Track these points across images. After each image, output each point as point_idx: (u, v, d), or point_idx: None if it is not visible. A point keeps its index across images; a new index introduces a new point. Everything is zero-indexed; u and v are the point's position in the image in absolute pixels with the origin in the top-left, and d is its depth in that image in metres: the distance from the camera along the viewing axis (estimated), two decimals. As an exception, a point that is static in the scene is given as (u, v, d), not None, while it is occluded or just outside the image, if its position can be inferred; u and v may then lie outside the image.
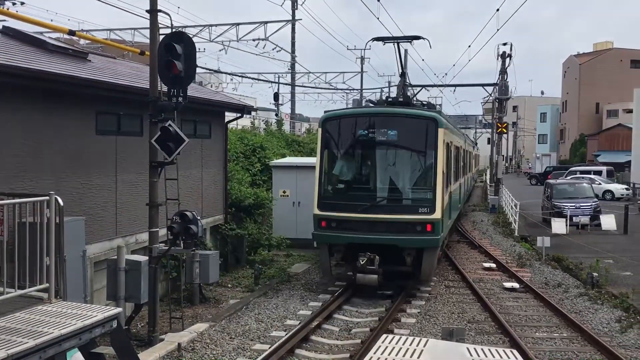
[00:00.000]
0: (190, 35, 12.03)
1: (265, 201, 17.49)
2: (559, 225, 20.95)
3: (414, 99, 20.93)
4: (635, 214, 27.53)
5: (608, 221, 22.05)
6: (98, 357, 5.74)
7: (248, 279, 14.73)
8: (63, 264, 6.13)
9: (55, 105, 9.95)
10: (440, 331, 8.58)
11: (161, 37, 9.85)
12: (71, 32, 17.22)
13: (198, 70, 13.97)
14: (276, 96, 43.30)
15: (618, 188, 39.44)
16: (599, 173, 43.85)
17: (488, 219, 28.48)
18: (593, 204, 24.35)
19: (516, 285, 14.42)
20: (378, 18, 28.09)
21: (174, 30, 10.20)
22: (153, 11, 9.99)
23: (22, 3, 24.77)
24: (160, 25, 10.30)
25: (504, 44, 33.68)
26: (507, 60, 33.44)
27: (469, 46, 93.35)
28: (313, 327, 10.71)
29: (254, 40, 31.60)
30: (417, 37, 16.37)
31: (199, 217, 9.67)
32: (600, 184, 38.71)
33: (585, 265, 16.09)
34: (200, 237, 11.51)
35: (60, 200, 6.01)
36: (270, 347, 9.47)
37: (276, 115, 41.83)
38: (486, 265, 16.95)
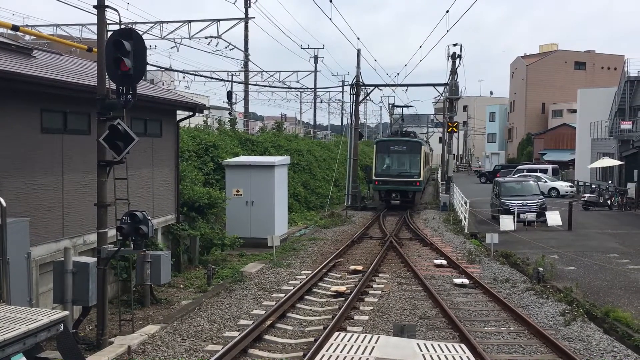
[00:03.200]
0: (141, 32, 11.78)
1: (219, 200, 17.33)
2: (507, 222, 21.49)
3: (406, 130, 41.83)
4: (579, 211, 28.55)
5: (553, 217, 22.78)
6: (44, 362, 5.58)
7: (201, 279, 14.56)
8: (6, 266, 5.95)
9: (-3, 102, 9.60)
10: (392, 327, 8.69)
11: (110, 34, 9.64)
12: (15, 27, 16.62)
13: (149, 67, 13.86)
14: (229, 95, 42.99)
15: (563, 185, 40.82)
16: (544, 171, 45.28)
17: (439, 216, 29.03)
18: (539, 201, 25.13)
19: (466, 281, 14.75)
20: (330, 19, 28.42)
21: (122, 26, 9.96)
22: (101, 7, 9.75)
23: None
24: (108, 22, 10.09)
25: (454, 45, 34.43)
26: (457, 60, 34.09)
27: (420, 47, 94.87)
28: (266, 326, 10.70)
29: (206, 37, 31.27)
30: (411, 105, 44.92)
31: (149, 217, 9.50)
32: (546, 181, 40.03)
33: (531, 261, 16.59)
34: (151, 238, 11.33)
35: (2, 201, 5.82)
36: (223, 348, 9.40)
37: (229, 114, 41.48)
38: (437, 262, 17.28)
